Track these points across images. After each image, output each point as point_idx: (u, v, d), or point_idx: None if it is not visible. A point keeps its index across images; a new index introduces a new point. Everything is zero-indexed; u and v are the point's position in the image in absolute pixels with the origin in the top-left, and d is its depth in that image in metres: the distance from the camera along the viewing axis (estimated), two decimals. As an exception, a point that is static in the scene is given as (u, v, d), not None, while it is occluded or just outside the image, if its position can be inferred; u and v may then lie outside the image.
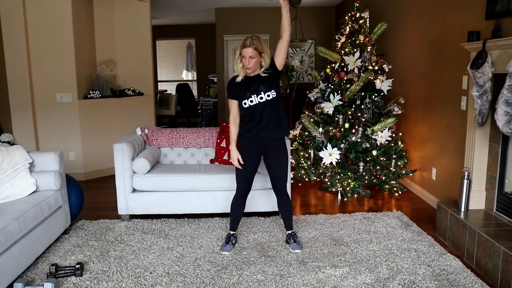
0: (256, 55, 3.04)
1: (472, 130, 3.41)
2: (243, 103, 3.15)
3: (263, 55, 3.08)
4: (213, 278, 2.91)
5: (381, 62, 4.78)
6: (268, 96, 3.11)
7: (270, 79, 3.14)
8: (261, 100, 3.12)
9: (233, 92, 3.20)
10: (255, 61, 3.06)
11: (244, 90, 3.14)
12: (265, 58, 3.09)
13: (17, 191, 3.25)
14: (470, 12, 3.61)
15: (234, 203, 3.38)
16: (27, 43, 5.07)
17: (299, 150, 5.07)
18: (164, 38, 11.59)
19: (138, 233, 3.69)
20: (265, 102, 3.12)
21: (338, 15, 8.53)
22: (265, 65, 3.10)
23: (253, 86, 3.12)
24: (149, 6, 6.13)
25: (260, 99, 3.11)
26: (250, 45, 3.02)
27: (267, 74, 3.13)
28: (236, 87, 3.17)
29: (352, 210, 4.26)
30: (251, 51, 3.02)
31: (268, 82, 3.13)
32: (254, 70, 3.12)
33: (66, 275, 2.91)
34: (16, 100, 5.14)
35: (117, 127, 5.60)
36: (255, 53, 3.03)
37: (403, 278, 2.87)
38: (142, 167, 3.87)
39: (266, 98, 3.11)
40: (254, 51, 3.02)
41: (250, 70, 3.10)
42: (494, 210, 3.34)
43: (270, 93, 3.12)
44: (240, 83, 3.15)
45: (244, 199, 3.37)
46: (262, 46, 3.05)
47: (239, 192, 3.34)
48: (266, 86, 3.12)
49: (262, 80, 3.13)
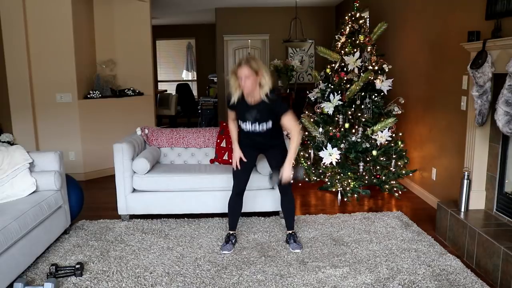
0: (252, 74, 2.87)
1: (472, 130, 3.41)
2: (240, 123, 3.11)
3: (259, 74, 2.91)
4: (213, 278, 2.91)
5: (381, 62, 4.78)
6: (263, 126, 3.07)
7: (270, 115, 3.04)
8: (257, 130, 3.09)
9: (232, 106, 3.14)
10: (252, 81, 2.90)
11: (242, 113, 3.07)
12: (264, 77, 2.92)
13: (17, 191, 3.25)
14: (470, 12, 3.61)
15: (230, 202, 3.38)
16: (27, 43, 5.07)
17: (299, 150, 5.07)
18: (164, 38, 11.59)
19: (138, 233, 3.69)
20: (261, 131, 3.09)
21: (338, 15, 8.53)
22: (265, 84, 2.93)
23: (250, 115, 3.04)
24: (149, 6, 6.13)
25: (256, 128, 3.08)
26: (245, 63, 2.87)
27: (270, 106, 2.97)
28: (234, 106, 3.10)
29: (352, 210, 4.26)
30: (247, 70, 2.85)
31: (267, 115, 3.03)
32: (252, 91, 2.95)
33: (66, 275, 2.91)
34: (16, 100, 5.14)
35: (117, 127, 5.60)
36: (250, 73, 2.86)
37: (403, 278, 2.87)
38: (142, 167, 3.87)
39: (261, 129, 3.08)
40: (249, 70, 2.86)
41: (247, 91, 2.95)
42: (494, 210, 3.34)
43: (265, 124, 3.06)
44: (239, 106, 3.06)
45: (241, 197, 3.37)
46: (258, 64, 2.90)
47: (236, 190, 3.34)
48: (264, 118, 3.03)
49: (261, 110, 3.00)
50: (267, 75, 2.94)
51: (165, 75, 12.15)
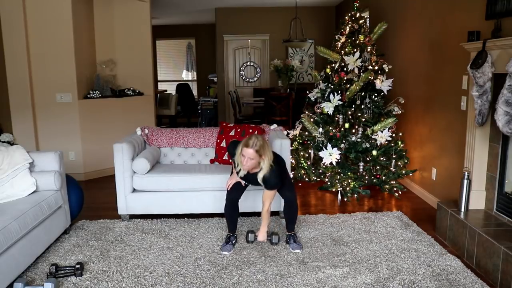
0: (256, 157, 3.03)
1: (472, 130, 3.41)
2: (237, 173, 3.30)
3: (263, 158, 3.06)
4: (213, 278, 2.91)
5: (381, 62, 4.78)
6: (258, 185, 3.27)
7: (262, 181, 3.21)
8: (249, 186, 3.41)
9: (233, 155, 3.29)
10: (254, 163, 3.06)
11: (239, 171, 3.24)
12: (265, 161, 3.08)
13: (17, 191, 3.25)
14: (470, 12, 3.61)
15: (226, 209, 3.41)
16: (27, 43, 5.07)
17: (299, 150, 5.07)
18: (164, 38, 11.59)
19: (138, 233, 3.69)
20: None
21: (338, 15, 8.54)
22: (263, 166, 3.09)
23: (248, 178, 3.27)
24: (149, 6, 6.13)
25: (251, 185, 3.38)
26: (253, 146, 3.00)
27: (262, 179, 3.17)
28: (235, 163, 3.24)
29: (352, 210, 4.26)
30: (252, 153, 3.01)
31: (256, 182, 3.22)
32: (251, 170, 3.16)
33: (66, 275, 2.92)
34: (16, 100, 5.14)
35: (117, 127, 5.60)
36: (255, 156, 3.02)
37: (403, 278, 2.87)
38: (142, 167, 3.87)
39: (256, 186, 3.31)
40: (255, 154, 3.01)
41: (245, 169, 3.13)
42: (494, 210, 3.34)
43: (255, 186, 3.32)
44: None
45: (236, 204, 3.40)
46: (265, 150, 3.04)
47: (228, 199, 3.38)
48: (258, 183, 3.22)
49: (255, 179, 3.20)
50: (268, 160, 3.09)
51: (165, 75, 12.15)
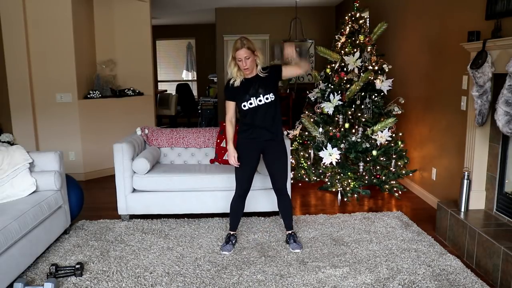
0: (250, 54, 3.07)
1: (472, 130, 3.41)
2: (243, 105, 3.18)
3: (256, 53, 3.12)
4: (213, 278, 2.91)
5: (381, 62, 4.78)
6: (267, 99, 3.15)
7: (270, 82, 3.17)
8: (260, 103, 3.15)
9: (230, 95, 3.23)
10: (251, 61, 3.09)
11: (243, 92, 3.17)
12: (259, 56, 3.14)
13: (17, 191, 3.25)
14: (470, 12, 3.61)
15: (233, 203, 3.38)
16: (27, 43, 5.07)
17: (299, 150, 5.07)
18: (164, 38, 11.59)
19: (138, 233, 3.69)
20: (264, 104, 3.15)
21: (338, 15, 8.53)
22: (260, 62, 3.15)
23: (252, 89, 3.16)
24: (149, 6, 6.13)
25: (259, 101, 3.15)
26: (242, 46, 3.06)
27: (267, 74, 3.15)
28: (234, 90, 3.19)
29: (352, 210, 4.26)
30: (245, 51, 3.06)
31: (267, 85, 3.16)
32: (252, 69, 3.15)
33: (66, 275, 2.92)
34: (16, 100, 5.14)
35: (117, 127, 5.60)
36: (249, 53, 3.06)
37: (403, 278, 2.87)
38: (142, 167, 3.87)
39: (265, 101, 3.15)
40: (248, 50, 3.06)
41: (248, 71, 3.13)
42: (494, 210, 3.34)
43: (269, 96, 3.15)
44: (239, 86, 3.17)
45: (244, 199, 3.36)
46: (254, 44, 3.11)
47: (239, 192, 3.33)
48: (265, 89, 3.15)
49: (261, 82, 3.16)
50: (261, 54, 3.17)
51: (165, 75, 12.15)
